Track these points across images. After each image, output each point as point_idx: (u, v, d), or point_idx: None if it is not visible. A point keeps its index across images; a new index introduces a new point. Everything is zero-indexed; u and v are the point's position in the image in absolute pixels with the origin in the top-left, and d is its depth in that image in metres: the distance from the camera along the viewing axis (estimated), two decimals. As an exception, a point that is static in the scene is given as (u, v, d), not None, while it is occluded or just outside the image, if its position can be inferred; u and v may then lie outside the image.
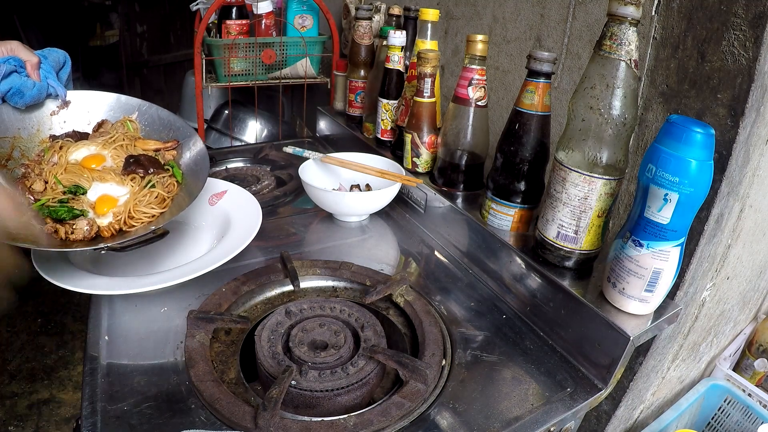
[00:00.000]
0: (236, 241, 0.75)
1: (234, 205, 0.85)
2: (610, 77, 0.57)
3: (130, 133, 0.81)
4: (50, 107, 0.78)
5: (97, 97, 0.83)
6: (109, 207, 0.71)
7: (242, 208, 0.84)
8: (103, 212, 0.71)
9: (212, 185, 0.89)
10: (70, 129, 0.80)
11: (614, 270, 0.61)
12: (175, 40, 3.15)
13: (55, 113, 0.79)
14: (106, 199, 0.72)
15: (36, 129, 0.77)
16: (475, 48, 0.79)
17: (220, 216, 0.85)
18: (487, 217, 0.79)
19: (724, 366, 0.92)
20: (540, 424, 0.56)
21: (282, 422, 0.52)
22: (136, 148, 0.79)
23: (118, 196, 0.73)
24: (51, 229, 0.67)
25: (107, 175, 0.74)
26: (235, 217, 0.83)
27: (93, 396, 0.55)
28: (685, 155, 0.51)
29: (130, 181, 0.74)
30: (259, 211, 0.82)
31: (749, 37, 0.57)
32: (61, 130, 0.79)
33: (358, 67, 1.19)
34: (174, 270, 0.70)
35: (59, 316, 1.97)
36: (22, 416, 1.57)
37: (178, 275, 0.68)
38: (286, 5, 1.45)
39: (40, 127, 0.78)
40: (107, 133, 0.79)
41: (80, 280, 0.66)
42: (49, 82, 0.75)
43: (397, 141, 1.04)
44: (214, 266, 0.69)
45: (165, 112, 0.85)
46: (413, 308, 0.70)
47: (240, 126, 1.84)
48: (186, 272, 0.68)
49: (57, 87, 0.76)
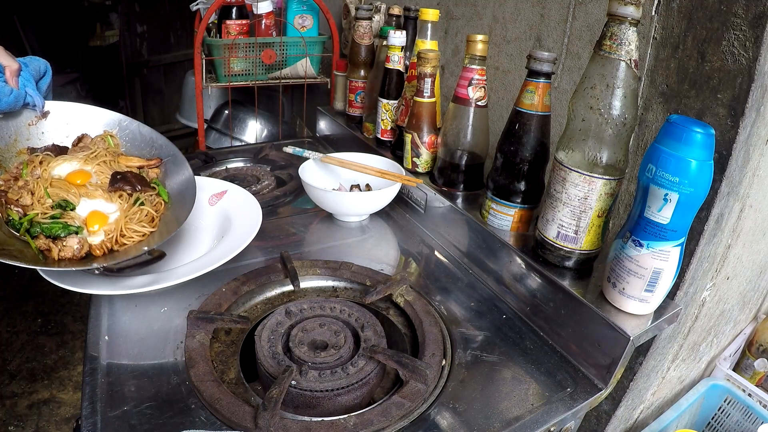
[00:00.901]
0: (236, 242, 0.75)
1: (234, 205, 0.85)
2: (610, 77, 0.57)
3: (111, 149, 0.79)
4: (28, 117, 0.76)
5: (76, 109, 0.81)
6: (100, 224, 0.70)
7: (242, 208, 0.84)
8: (94, 229, 0.69)
9: (212, 185, 0.89)
10: (49, 141, 0.78)
11: (614, 270, 0.61)
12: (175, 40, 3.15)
13: (32, 123, 0.77)
14: (98, 216, 0.70)
15: (13, 138, 0.75)
16: (475, 48, 0.79)
17: (220, 216, 0.85)
18: (487, 217, 0.79)
19: (724, 366, 0.92)
20: (540, 424, 0.56)
21: (282, 422, 0.52)
22: (119, 164, 0.77)
23: (108, 213, 0.71)
24: (44, 246, 0.66)
25: (95, 192, 0.72)
26: (235, 217, 0.83)
27: (93, 396, 0.55)
28: (685, 155, 0.51)
29: (117, 198, 0.73)
30: (259, 211, 0.82)
31: (749, 37, 0.57)
32: (39, 142, 0.77)
33: (358, 67, 1.19)
34: (174, 270, 0.70)
35: (59, 316, 1.97)
36: (22, 416, 1.57)
37: (179, 275, 0.67)
38: (286, 5, 1.45)
39: (17, 137, 0.75)
40: (87, 148, 0.77)
41: (80, 280, 0.66)
42: (27, 90, 0.72)
43: (397, 141, 1.04)
44: (214, 266, 0.69)
45: (147, 129, 0.83)
46: (413, 308, 0.70)
47: (240, 126, 1.84)
48: (186, 272, 0.68)
49: (35, 96, 0.73)
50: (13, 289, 2.09)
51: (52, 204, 0.69)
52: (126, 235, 0.70)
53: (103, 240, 0.69)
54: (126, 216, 0.71)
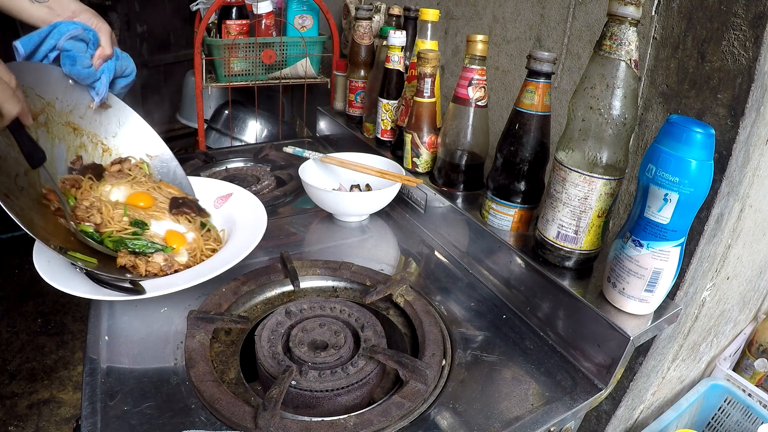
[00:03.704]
0: (240, 248, 0.74)
1: (239, 208, 0.85)
2: (610, 77, 0.57)
3: (149, 176, 0.83)
4: (90, 98, 0.78)
5: (135, 121, 0.84)
6: (178, 243, 0.73)
7: (247, 212, 0.83)
8: (174, 248, 0.72)
9: (218, 187, 0.89)
10: (95, 130, 0.80)
11: (614, 270, 0.61)
12: (175, 40, 3.14)
13: (91, 107, 0.79)
14: (175, 235, 0.73)
15: (70, 108, 0.77)
16: (475, 48, 0.79)
17: (224, 219, 0.84)
18: (487, 217, 0.79)
19: (724, 366, 0.92)
20: (540, 424, 0.56)
21: (282, 422, 0.52)
22: (162, 190, 0.80)
23: (183, 233, 0.75)
24: (129, 263, 0.68)
25: (161, 214, 0.75)
26: (240, 221, 0.82)
27: (93, 396, 0.55)
28: (685, 155, 0.51)
29: (184, 220, 0.76)
30: (264, 215, 0.81)
31: (749, 37, 0.57)
32: (88, 124, 0.79)
33: (358, 67, 1.19)
34: (179, 275, 0.70)
35: (59, 316, 1.97)
36: (22, 416, 1.57)
37: (185, 279, 0.67)
38: (286, 5, 1.45)
39: (73, 109, 0.77)
40: (127, 173, 0.80)
41: (82, 284, 0.65)
42: (102, 76, 0.75)
43: (397, 141, 1.04)
44: (219, 272, 0.68)
45: (182, 172, 0.86)
46: (413, 308, 0.70)
47: (240, 126, 1.84)
48: (190, 278, 0.67)
49: (103, 85, 0.76)
50: (13, 289, 2.09)
51: (130, 221, 0.72)
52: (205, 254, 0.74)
53: (186, 260, 0.72)
54: (201, 236, 0.75)
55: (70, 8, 0.73)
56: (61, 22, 0.70)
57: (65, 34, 0.70)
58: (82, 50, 0.72)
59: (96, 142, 0.81)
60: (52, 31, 0.70)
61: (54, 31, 0.70)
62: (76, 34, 0.70)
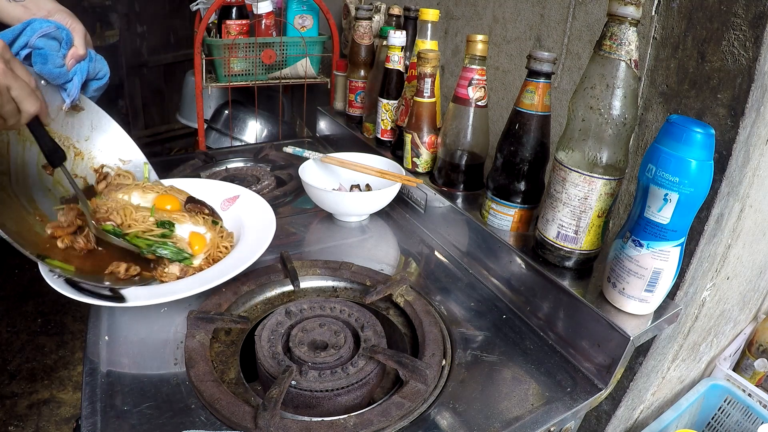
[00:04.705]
0: (250, 252, 0.73)
1: (246, 211, 0.84)
2: (610, 77, 0.57)
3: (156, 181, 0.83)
4: (62, 99, 0.77)
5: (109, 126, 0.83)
6: (200, 245, 0.74)
7: (255, 214, 0.83)
8: (196, 250, 0.73)
9: (225, 189, 0.89)
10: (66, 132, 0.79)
11: (614, 270, 0.61)
12: (175, 40, 3.14)
13: (62, 108, 0.77)
14: (198, 237, 0.74)
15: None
16: (475, 48, 0.79)
17: (232, 221, 0.83)
18: (487, 217, 0.79)
19: (724, 366, 0.92)
20: (540, 424, 0.56)
21: (282, 422, 0.52)
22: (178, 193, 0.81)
23: (203, 234, 0.75)
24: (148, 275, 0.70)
25: (181, 216, 0.76)
26: (247, 223, 0.81)
27: (93, 396, 0.55)
28: (685, 155, 0.51)
29: (201, 220, 0.77)
30: (272, 217, 0.81)
31: (749, 37, 0.57)
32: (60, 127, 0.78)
33: (358, 67, 1.19)
34: (186, 280, 0.70)
35: (59, 316, 1.97)
36: (22, 416, 1.57)
37: (194, 285, 0.66)
38: (286, 5, 1.45)
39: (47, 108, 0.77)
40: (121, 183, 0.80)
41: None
42: (74, 77, 0.74)
43: (397, 141, 1.04)
44: (228, 277, 0.68)
45: (155, 176, 0.87)
46: (413, 308, 0.70)
47: (240, 126, 1.84)
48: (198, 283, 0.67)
49: (74, 86, 0.75)
50: (13, 289, 2.09)
51: (156, 222, 0.73)
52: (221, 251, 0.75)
53: (201, 263, 0.73)
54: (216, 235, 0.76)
55: (45, 7, 0.71)
56: (35, 20, 0.69)
57: (38, 31, 0.68)
58: (55, 49, 0.70)
59: (68, 145, 0.79)
60: (26, 29, 0.68)
61: (27, 28, 0.68)
62: (49, 32, 0.69)
